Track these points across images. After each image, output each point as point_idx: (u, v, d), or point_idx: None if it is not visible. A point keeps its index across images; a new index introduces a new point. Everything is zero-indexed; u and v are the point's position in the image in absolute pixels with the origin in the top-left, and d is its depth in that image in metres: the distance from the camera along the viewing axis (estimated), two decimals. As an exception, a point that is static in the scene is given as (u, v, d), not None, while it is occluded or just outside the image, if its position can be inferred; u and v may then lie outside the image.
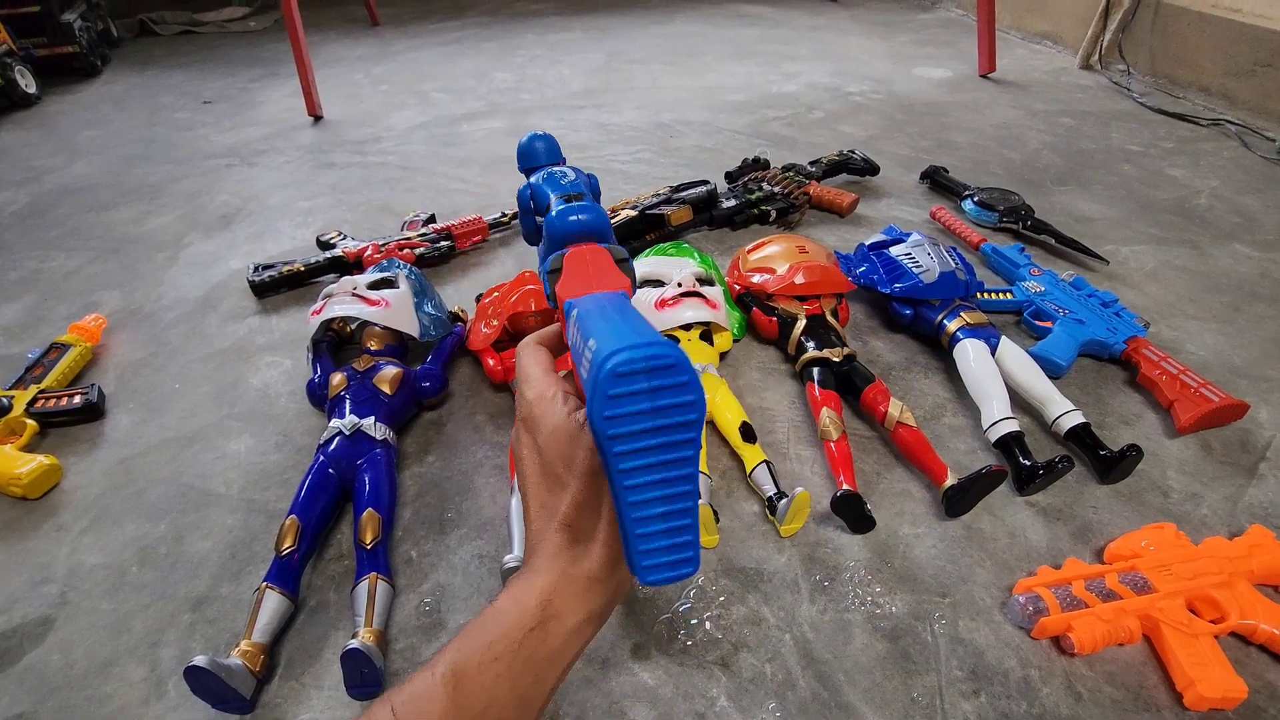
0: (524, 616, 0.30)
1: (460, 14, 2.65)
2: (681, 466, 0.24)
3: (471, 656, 0.29)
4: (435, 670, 0.28)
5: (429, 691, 0.27)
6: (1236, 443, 0.76)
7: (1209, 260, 1.09)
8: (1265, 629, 0.56)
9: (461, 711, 0.27)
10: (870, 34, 2.32)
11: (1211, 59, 1.66)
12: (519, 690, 0.29)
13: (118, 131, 1.65)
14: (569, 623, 0.31)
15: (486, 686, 0.28)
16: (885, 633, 0.59)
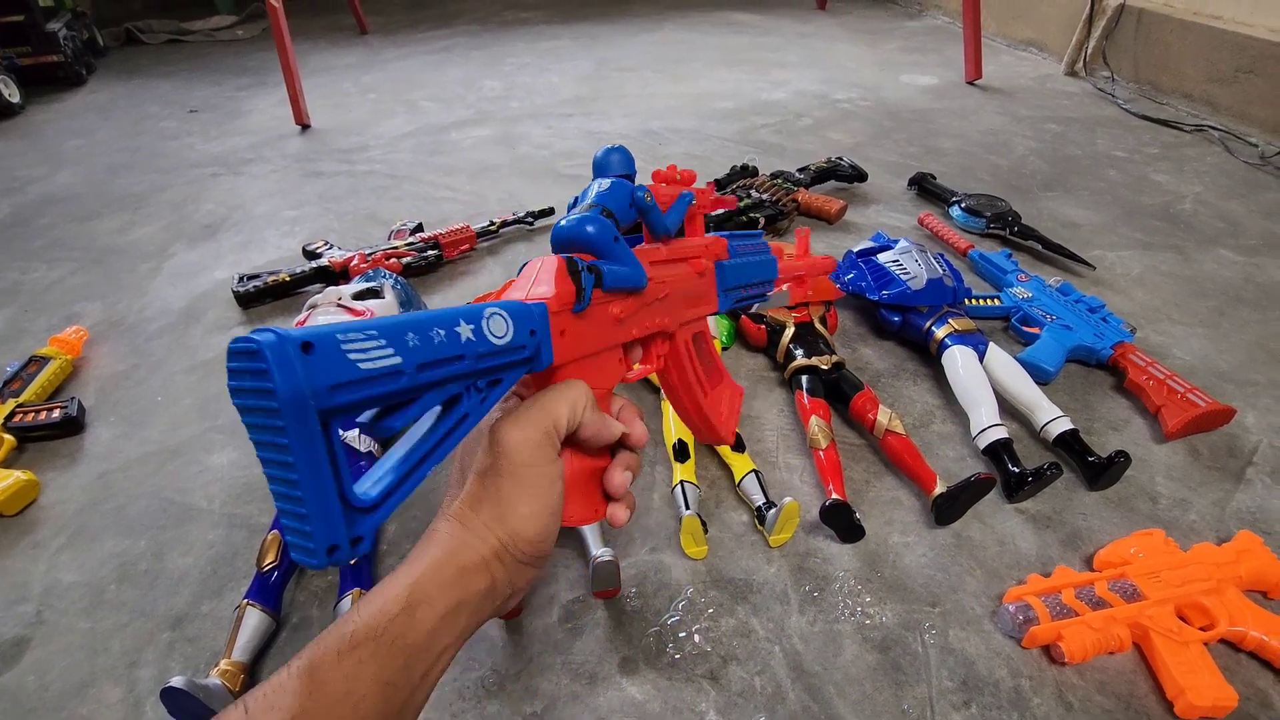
0: (388, 603, 0.29)
1: (449, 22, 2.65)
2: (280, 453, 0.23)
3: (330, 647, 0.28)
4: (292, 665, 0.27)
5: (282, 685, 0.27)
6: (1224, 448, 0.76)
7: (1194, 265, 1.10)
8: (1254, 635, 0.56)
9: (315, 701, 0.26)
10: (858, 41, 2.34)
11: (1194, 65, 1.68)
12: (384, 676, 0.28)
13: (102, 141, 1.64)
14: (438, 608, 0.30)
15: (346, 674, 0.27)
16: (875, 643, 0.58)
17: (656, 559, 0.65)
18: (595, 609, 0.61)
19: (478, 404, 0.31)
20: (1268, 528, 0.68)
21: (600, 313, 0.37)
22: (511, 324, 0.31)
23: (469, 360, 0.29)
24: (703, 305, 0.48)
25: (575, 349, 0.36)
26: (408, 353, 0.27)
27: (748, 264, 0.53)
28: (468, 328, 0.29)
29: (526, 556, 0.33)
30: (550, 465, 0.33)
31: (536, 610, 0.60)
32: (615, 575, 0.59)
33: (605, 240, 0.37)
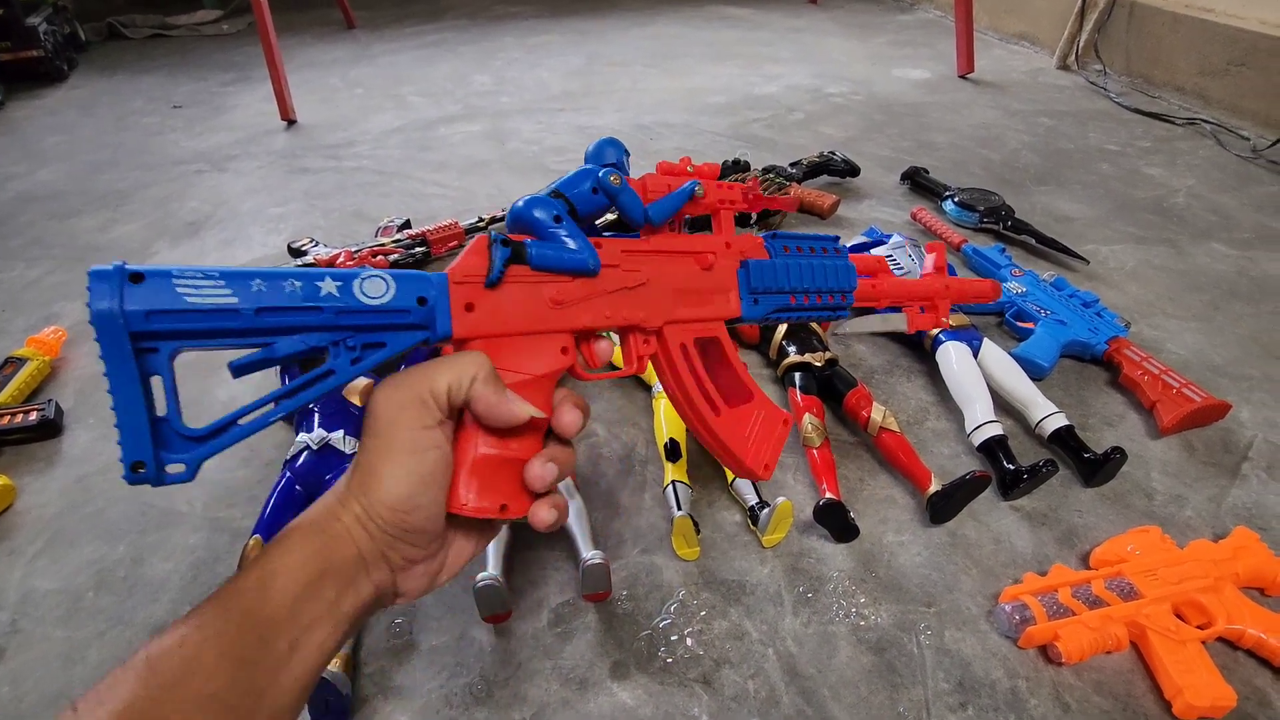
0: (239, 580, 0.28)
1: (438, 17, 2.62)
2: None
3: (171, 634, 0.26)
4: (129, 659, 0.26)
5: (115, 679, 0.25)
6: (1219, 443, 0.76)
7: (1187, 259, 1.09)
8: (1252, 633, 0.55)
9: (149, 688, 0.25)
10: (850, 35, 2.33)
11: (1186, 58, 1.68)
12: (235, 653, 0.26)
13: (84, 137, 1.61)
14: (297, 576, 0.29)
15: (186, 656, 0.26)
16: (870, 645, 0.57)
17: (648, 560, 0.64)
18: (586, 612, 0.60)
19: (347, 363, 0.32)
20: (1264, 523, 0.67)
21: (527, 292, 0.36)
22: (393, 287, 0.32)
23: (327, 314, 0.31)
24: (710, 306, 0.44)
25: (489, 325, 0.35)
26: (248, 296, 0.29)
27: (796, 267, 0.47)
28: (333, 284, 0.31)
29: (389, 525, 0.31)
30: (420, 431, 0.31)
31: (525, 614, 0.59)
32: (606, 578, 0.58)
33: (542, 219, 0.37)
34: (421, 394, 0.32)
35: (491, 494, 0.34)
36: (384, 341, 0.33)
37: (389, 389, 0.32)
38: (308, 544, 0.30)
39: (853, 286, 0.49)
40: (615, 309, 0.39)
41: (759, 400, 0.46)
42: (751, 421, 0.45)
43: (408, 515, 0.31)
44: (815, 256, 0.48)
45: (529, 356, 0.36)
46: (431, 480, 0.32)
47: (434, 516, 0.32)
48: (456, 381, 0.32)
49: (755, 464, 0.44)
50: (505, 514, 0.35)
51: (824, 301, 0.48)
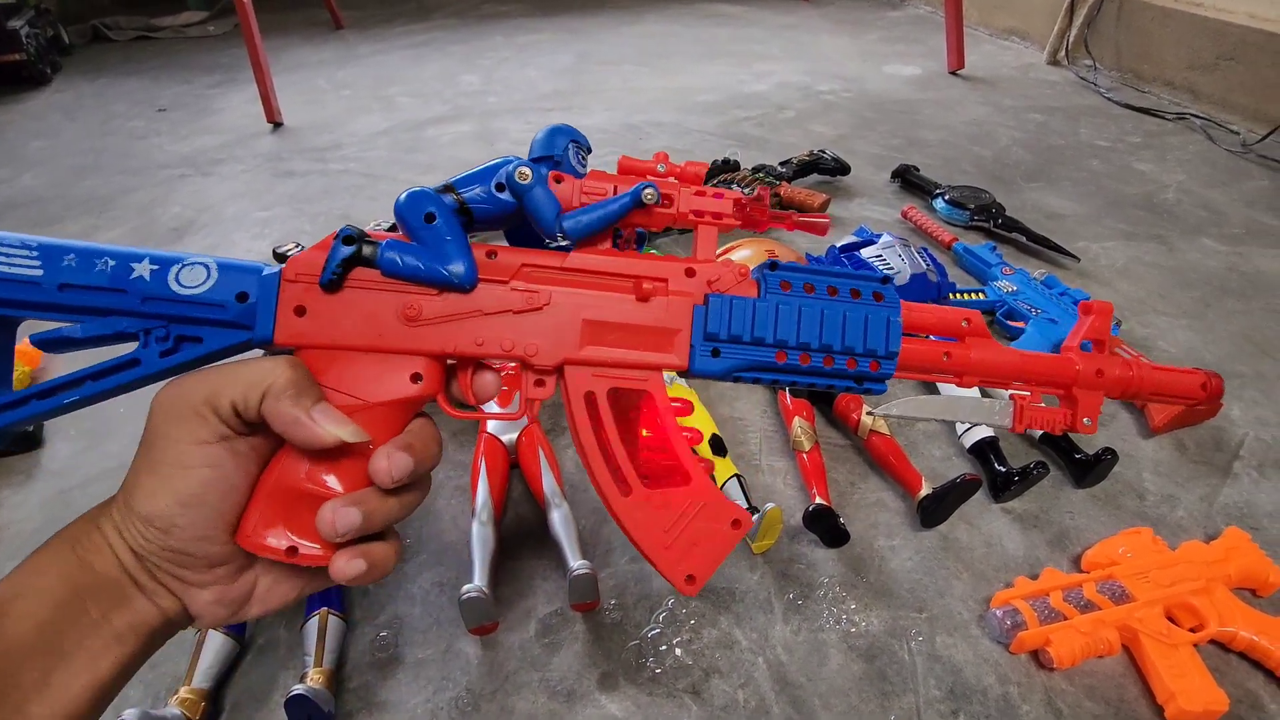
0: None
1: (426, 16, 2.60)
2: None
3: None
4: None
5: None
6: (1210, 441, 0.76)
7: (1178, 255, 1.09)
8: (1244, 636, 0.55)
9: None
10: (841, 32, 2.32)
11: (1175, 53, 1.68)
12: None
13: (67, 142, 1.59)
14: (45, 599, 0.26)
15: None
16: (861, 652, 0.57)
17: (637, 569, 0.63)
18: (574, 623, 0.59)
19: (155, 355, 0.30)
20: (1255, 523, 0.67)
21: (376, 302, 0.31)
22: (214, 279, 0.30)
23: (132, 298, 0.29)
24: (644, 349, 0.34)
25: (320, 334, 0.31)
26: (56, 270, 0.28)
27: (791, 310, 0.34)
28: (148, 268, 0.29)
29: (147, 540, 0.28)
30: (190, 446, 0.28)
31: (513, 625, 0.59)
32: (593, 587, 0.57)
33: (412, 215, 0.31)
34: (197, 404, 0.28)
35: (282, 531, 0.30)
36: (200, 336, 0.30)
37: (167, 391, 0.29)
38: (58, 561, 0.28)
39: (891, 350, 0.35)
40: (494, 335, 0.32)
41: (697, 486, 0.34)
42: (680, 513, 0.34)
43: (165, 534, 0.28)
44: (835, 301, 0.35)
45: (367, 379, 0.31)
46: (196, 502, 0.28)
47: (201, 540, 0.29)
48: (243, 396, 0.28)
49: (672, 571, 0.33)
50: (293, 558, 0.30)
51: (838, 366, 0.35)
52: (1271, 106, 1.48)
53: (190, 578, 0.29)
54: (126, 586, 0.28)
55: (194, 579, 0.30)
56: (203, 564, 0.29)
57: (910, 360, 0.37)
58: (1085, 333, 0.40)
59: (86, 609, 0.27)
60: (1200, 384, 0.41)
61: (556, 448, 0.74)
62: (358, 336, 0.31)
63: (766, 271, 0.35)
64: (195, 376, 0.29)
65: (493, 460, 0.67)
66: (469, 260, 0.32)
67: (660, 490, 0.34)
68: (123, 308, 0.29)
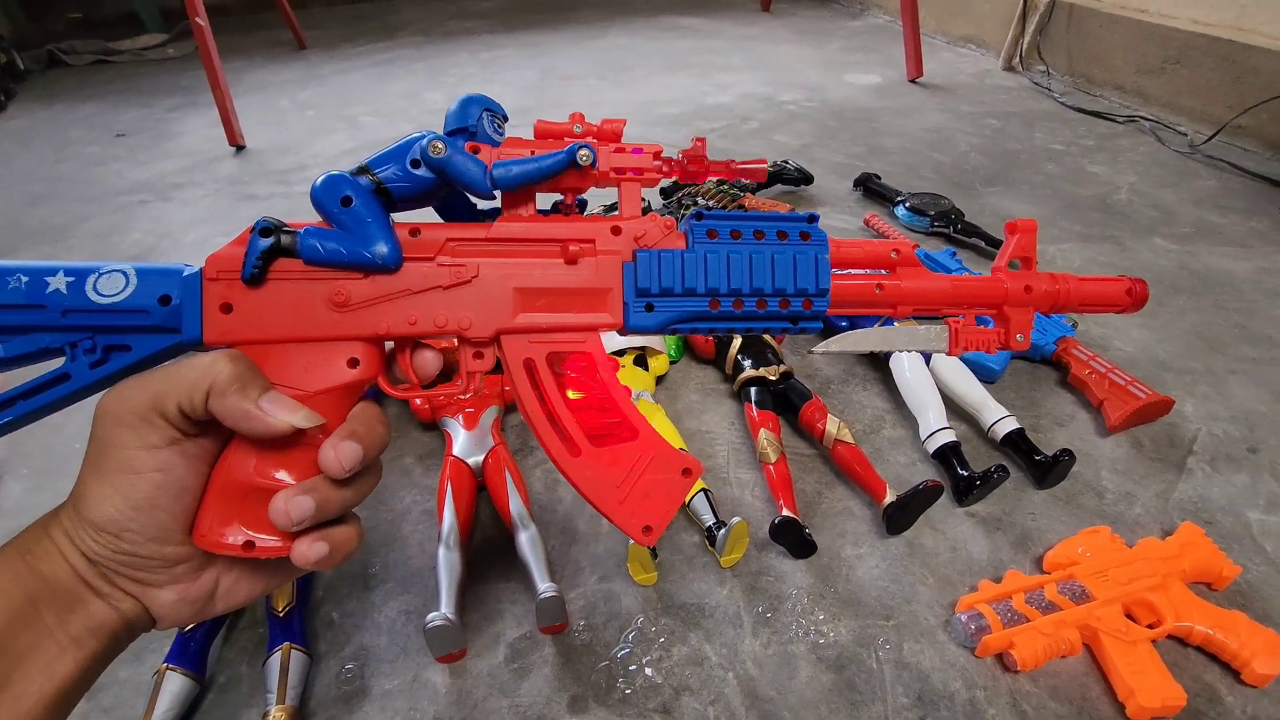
0: None
1: (391, 35, 2.60)
2: None
3: None
4: None
5: None
6: (1165, 438, 0.77)
7: (1131, 255, 1.12)
8: (1200, 630, 0.56)
9: None
10: (802, 42, 2.36)
11: (1124, 58, 1.73)
12: None
13: (20, 170, 1.56)
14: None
15: None
16: (830, 663, 0.57)
17: (606, 588, 0.63)
18: (543, 646, 0.58)
19: (85, 367, 0.29)
20: (1209, 517, 0.68)
21: (301, 291, 0.31)
22: (133, 285, 0.29)
23: (51, 313, 0.28)
24: (577, 311, 0.34)
25: (250, 330, 0.30)
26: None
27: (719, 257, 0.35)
28: (64, 280, 0.29)
29: (101, 544, 0.28)
30: (138, 451, 0.28)
31: (481, 651, 0.58)
32: (561, 610, 0.57)
33: (328, 200, 0.31)
34: (142, 410, 0.28)
35: (237, 527, 0.30)
36: (128, 344, 0.30)
37: (111, 397, 0.28)
38: (8, 569, 0.27)
39: (821, 287, 0.36)
40: (426, 312, 0.33)
41: (645, 439, 0.35)
42: (628, 467, 0.35)
43: (117, 539, 0.28)
44: (762, 244, 0.36)
45: (304, 369, 0.31)
46: (148, 505, 0.28)
47: (155, 540, 0.29)
48: (188, 397, 0.28)
49: (628, 524, 0.35)
50: (251, 552, 0.30)
51: (771, 309, 0.36)
52: (1216, 108, 1.53)
53: (148, 579, 0.30)
54: (81, 591, 0.28)
55: (152, 580, 0.30)
56: (159, 565, 0.29)
57: (843, 296, 0.38)
58: (1012, 252, 0.41)
59: (41, 615, 0.27)
60: (1125, 290, 0.42)
61: (524, 468, 0.73)
62: (289, 328, 0.31)
63: (693, 222, 0.36)
64: (138, 381, 0.29)
65: (459, 484, 0.66)
66: (391, 240, 0.31)
67: (608, 448, 0.35)
68: (43, 323, 0.28)
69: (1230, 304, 0.99)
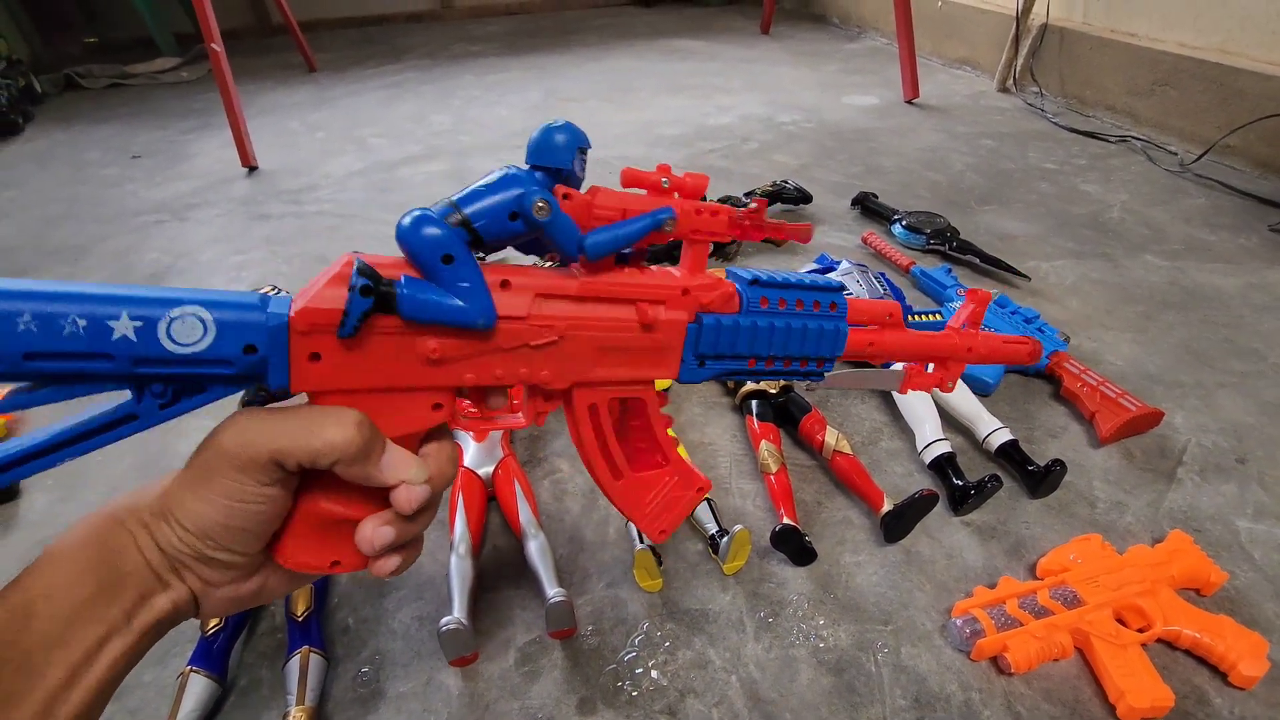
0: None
1: (399, 58, 2.66)
2: None
3: None
4: None
5: None
6: (1155, 449, 0.80)
7: (1123, 272, 1.15)
8: (1188, 634, 0.58)
9: None
10: (800, 64, 2.41)
11: (1114, 80, 1.77)
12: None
13: (39, 190, 1.60)
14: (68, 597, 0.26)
15: None
16: (830, 666, 0.59)
17: (613, 594, 0.65)
18: (552, 650, 0.60)
19: (155, 408, 0.27)
20: (1198, 525, 0.70)
21: (399, 346, 0.30)
22: (212, 332, 0.27)
23: (120, 362, 0.25)
24: (645, 367, 0.37)
25: (340, 380, 0.30)
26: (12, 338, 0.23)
27: (768, 329, 0.39)
28: (131, 324, 0.25)
29: (185, 545, 0.29)
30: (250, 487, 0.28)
31: (492, 655, 0.60)
32: (570, 615, 0.59)
33: (430, 256, 0.29)
34: (262, 459, 0.28)
35: (324, 550, 0.31)
36: (204, 387, 0.28)
37: (232, 437, 0.28)
38: (80, 558, 0.27)
39: (838, 354, 0.42)
40: (510, 367, 0.33)
41: (673, 465, 0.41)
42: (658, 488, 0.41)
43: (202, 543, 0.29)
44: (802, 315, 0.40)
45: (390, 413, 0.31)
46: (244, 529, 0.29)
47: (238, 554, 0.30)
48: (311, 459, 0.28)
49: (650, 527, 0.41)
50: (338, 569, 0.32)
51: (792, 368, 0.42)
52: (1205, 129, 1.56)
53: (213, 577, 0.31)
54: (150, 583, 0.29)
55: (215, 578, 0.31)
56: (229, 568, 0.31)
57: (847, 350, 0.43)
58: (968, 316, 0.49)
59: (110, 606, 0.27)
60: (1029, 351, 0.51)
61: (532, 479, 0.76)
62: (379, 378, 0.30)
63: (747, 287, 0.39)
64: (259, 426, 0.28)
65: (470, 494, 0.68)
66: (488, 302, 0.31)
67: (644, 473, 0.40)
68: (111, 372, 0.26)
69: (1219, 319, 1.02)
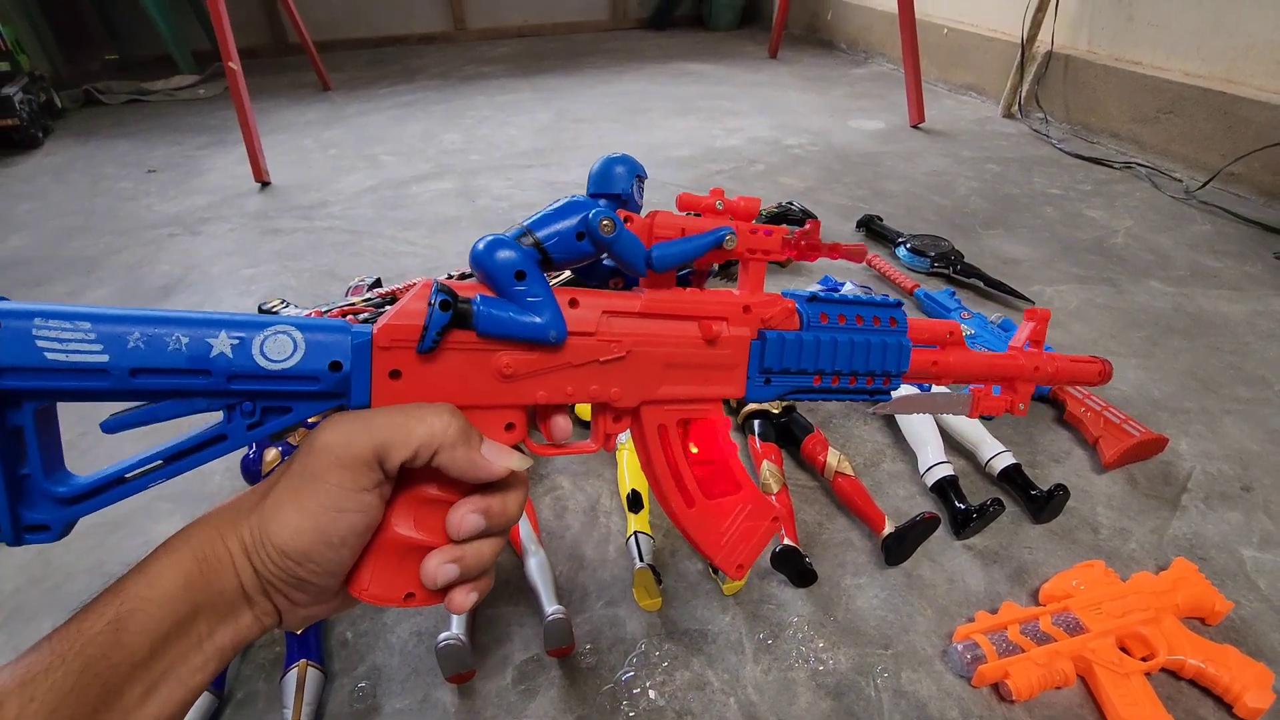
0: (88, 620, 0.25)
1: (411, 78, 2.70)
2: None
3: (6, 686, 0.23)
4: None
5: None
6: (1160, 475, 0.79)
7: (1127, 297, 1.15)
8: (1193, 664, 0.57)
9: None
10: (808, 89, 2.44)
11: (1119, 107, 1.78)
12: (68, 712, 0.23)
13: (56, 203, 1.63)
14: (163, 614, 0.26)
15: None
16: (829, 690, 0.58)
17: (611, 613, 0.65)
18: (550, 668, 0.60)
19: (242, 428, 0.28)
20: (1203, 553, 0.70)
21: (474, 362, 0.31)
22: (301, 349, 0.28)
23: (217, 379, 0.27)
24: (711, 384, 0.38)
25: (419, 395, 0.30)
26: (122, 354, 0.25)
27: (832, 344, 0.39)
28: (228, 341, 0.26)
29: (277, 567, 0.28)
30: (350, 492, 0.28)
31: (489, 673, 0.60)
32: (568, 633, 0.59)
33: (503, 274, 0.31)
34: (366, 456, 0.28)
35: (398, 581, 0.31)
36: (289, 407, 0.29)
37: (334, 438, 0.28)
38: (179, 573, 0.27)
39: (903, 369, 0.42)
40: (580, 384, 0.34)
41: (747, 492, 0.40)
42: (733, 516, 0.40)
43: (298, 567, 0.28)
44: (863, 330, 0.41)
45: None
46: (341, 543, 0.29)
47: (330, 574, 0.29)
48: (413, 453, 0.29)
49: (726, 563, 0.40)
50: (411, 602, 0.32)
51: (859, 385, 0.42)
52: (1209, 156, 1.57)
53: (300, 600, 0.30)
54: (239, 604, 0.28)
55: (302, 601, 0.30)
56: (317, 591, 0.30)
57: (910, 370, 0.43)
58: (1029, 335, 0.51)
59: (198, 625, 0.27)
60: (1098, 371, 0.54)
61: (533, 495, 0.76)
62: (455, 394, 0.31)
63: (806, 304, 0.40)
64: (360, 425, 0.29)
65: (471, 509, 0.69)
66: (559, 317, 0.32)
67: (716, 500, 0.39)
68: (206, 388, 0.27)
69: (1225, 346, 1.02)
